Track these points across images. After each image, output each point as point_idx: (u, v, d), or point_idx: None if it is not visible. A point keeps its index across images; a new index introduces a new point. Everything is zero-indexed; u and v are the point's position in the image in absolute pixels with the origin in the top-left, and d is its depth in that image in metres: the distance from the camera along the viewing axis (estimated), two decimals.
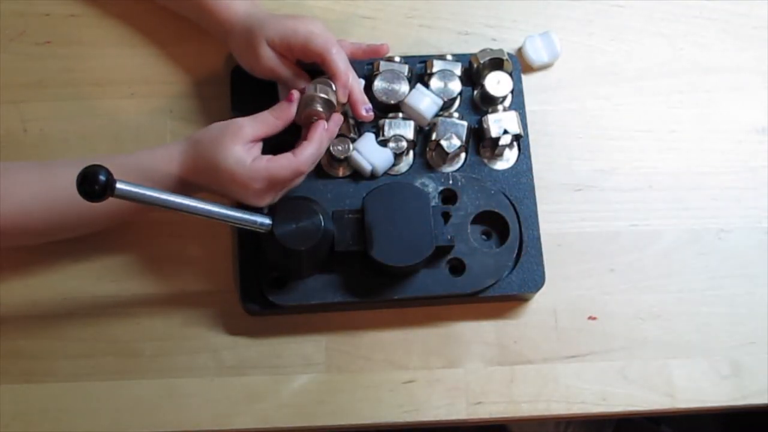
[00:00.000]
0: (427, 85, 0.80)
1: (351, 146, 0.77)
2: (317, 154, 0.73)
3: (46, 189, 0.70)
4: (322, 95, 0.73)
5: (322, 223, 0.71)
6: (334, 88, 0.74)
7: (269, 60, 0.76)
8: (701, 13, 0.90)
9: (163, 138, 0.82)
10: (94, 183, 0.57)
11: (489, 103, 0.82)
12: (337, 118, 0.75)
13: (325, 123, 0.73)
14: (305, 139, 0.73)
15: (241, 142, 0.70)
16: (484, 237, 0.79)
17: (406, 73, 0.80)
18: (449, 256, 0.76)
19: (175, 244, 0.79)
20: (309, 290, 0.75)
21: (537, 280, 0.77)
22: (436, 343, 0.78)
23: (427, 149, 0.80)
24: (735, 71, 0.88)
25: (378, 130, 0.79)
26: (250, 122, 0.72)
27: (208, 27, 0.81)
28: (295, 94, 0.73)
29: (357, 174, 0.79)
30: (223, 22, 0.78)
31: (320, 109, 0.73)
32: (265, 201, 0.72)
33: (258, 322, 0.78)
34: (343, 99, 0.75)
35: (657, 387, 0.78)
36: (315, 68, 0.76)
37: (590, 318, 0.79)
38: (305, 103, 0.73)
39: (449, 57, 0.82)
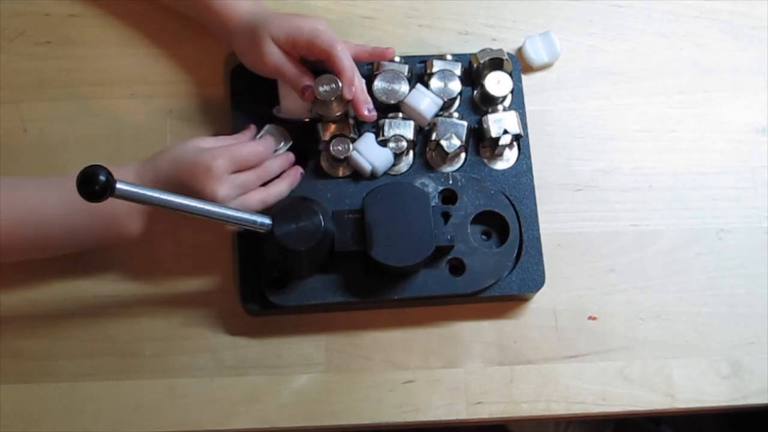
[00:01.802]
0: (427, 85, 0.80)
1: (351, 146, 0.77)
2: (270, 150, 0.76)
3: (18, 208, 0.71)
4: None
5: (322, 223, 0.71)
6: (340, 84, 0.74)
7: (274, 56, 0.76)
8: (701, 13, 0.90)
9: (162, 138, 0.82)
10: (94, 183, 0.57)
11: (489, 103, 0.82)
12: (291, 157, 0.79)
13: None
14: None
15: (201, 144, 0.73)
16: (484, 237, 0.79)
17: (406, 73, 0.80)
18: (449, 256, 0.76)
19: (175, 244, 0.79)
20: (309, 290, 0.75)
21: (537, 280, 0.77)
22: (436, 343, 0.78)
23: (427, 149, 0.80)
24: (735, 71, 0.88)
25: (378, 130, 0.79)
26: (210, 137, 0.77)
27: (212, 26, 0.81)
28: (252, 126, 0.79)
29: (357, 174, 0.79)
30: (228, 20, 0.78)
31: (333, 101, 0.76)
32: (224, 188, 0.70)
33: (258, 322, 0.77)
34: (349, 96, 0.75)
35: (657, 387, 0.78)
36: (317, 68, 0.76)
37: (590, 318, 0.79)
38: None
39: (449, 57, 0.82)
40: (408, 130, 0.79)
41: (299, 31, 0.75)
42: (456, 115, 0.80)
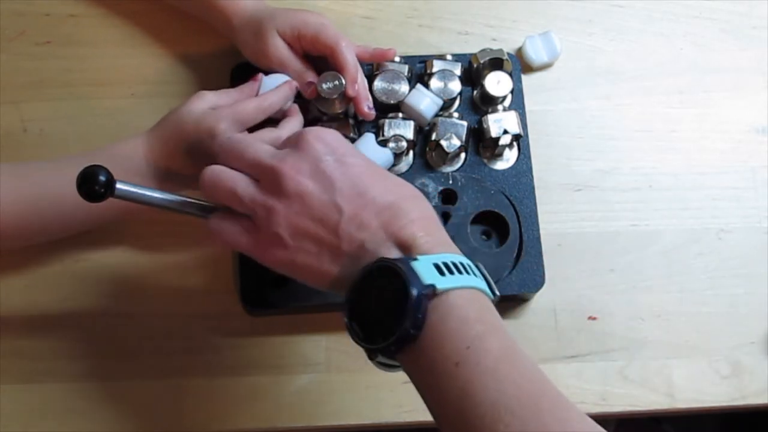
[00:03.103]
0: (427, 85, 0.80)
1: None
2: (282, 103, 0.74)
3: (21, 191, 0.70)
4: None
5: None
6: (342, 81, 0.74)
7: (279, 50, 0.76)
8: (701, 13, 0.90)
9: None
10: (94, 183, 0.57)
11: (489, 103, 0.82)
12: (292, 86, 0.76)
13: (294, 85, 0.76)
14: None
15: (203, 105, 0.71)
16: (484, 237, 0.79)
17: (406, 73, 0.80)
18: None
19: (175, 244, 0.79)
20: (309, 290, 0.73)
21: (537, 280, 0.77)
22: None
23: (427, 149, 0.80)
24: (735, 71, 0.88)
25: (378, 130, 0.79)
26: (212, 92, 0.73)
27: (215, 23, 0.81)
28: (260, 75, 0.75)
29: None
30: (231, 16, 0.78)
31: (335, 99, 0.76)
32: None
33: (258, 322, 0.77)
34: (352, 93, 0.75)
35: (657, 387, 0.78)
36: (319, 67, 0.76)
37: (590, 318, 0.79)
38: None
39: (449, 57, 0.82)
40: (408, 130, 0.79)
41: (305, 25, 0.75)
42: (456, 115, 0.80)
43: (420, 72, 0.82)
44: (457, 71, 0.81)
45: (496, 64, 0.82)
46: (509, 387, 0.51)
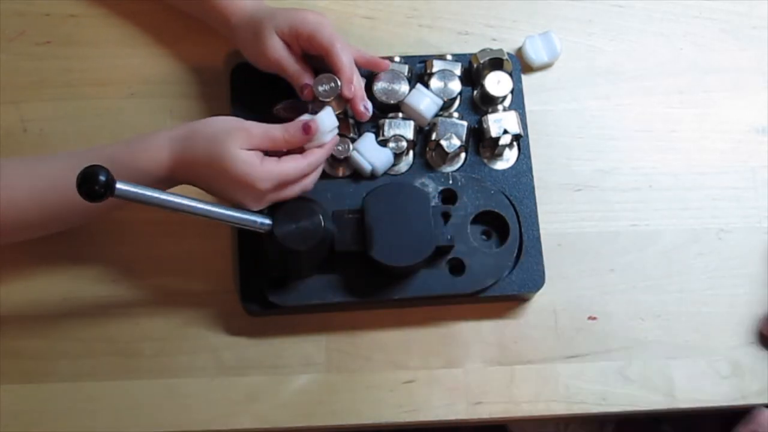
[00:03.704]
0: (427, 85, 0.80)
1: (351, 146, 0.77)
2: (322, 162, 0.73)
3: (33, 183, 0.69)
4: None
5: (322, 223, 0.71)
6: (339, 83, 0.74)
7: (276, 51, 0.76)
8: (701, 13, 0.90)
9: None
10: (94, 183, 0.57)
11: (489, 103, 0.82)
12: (336, 139, 0.75)
13: (338, 138, 0.74)
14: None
15: (247, 147, 0.68)
16: (484, 237, 0.79)
17: (406, 73, 0.80)
18: (449, 256, 0.76)
19: (175, 244, 0.79)
20: (309, 290, 0.75)
21: (537, 280, 0.77)
22: (436, 343, 0.78)
23: (427, 149, 0.80)
24: (735, 71, 0.88)
25: (378, 130, 0.79)
26: (260, 133, 0.69)
27: (214, 23, 0.81)
28: (313, 125, 0.70)
29: (357, 174, 0.79)
30: (229, 15, 0.78)
31: (332, 100, 0.75)
32: (264, 202, 0.70)
33: (258, 322, 0.78)
34: (349, 94, 0.75)
35: (657, 387, 0.78)
36: (321, 67, 0.76)
37: (590, 318, 0.79)
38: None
39: (449, 57, 0.82)
40: (408, 130, 0.79)
41: (303, 23, 0.75)
42: (456, 115, 0.80)
43: (420, 72, 0.82)
44: (457, 71, 0.81)
45: (496, 64, 0.82)
46: None
